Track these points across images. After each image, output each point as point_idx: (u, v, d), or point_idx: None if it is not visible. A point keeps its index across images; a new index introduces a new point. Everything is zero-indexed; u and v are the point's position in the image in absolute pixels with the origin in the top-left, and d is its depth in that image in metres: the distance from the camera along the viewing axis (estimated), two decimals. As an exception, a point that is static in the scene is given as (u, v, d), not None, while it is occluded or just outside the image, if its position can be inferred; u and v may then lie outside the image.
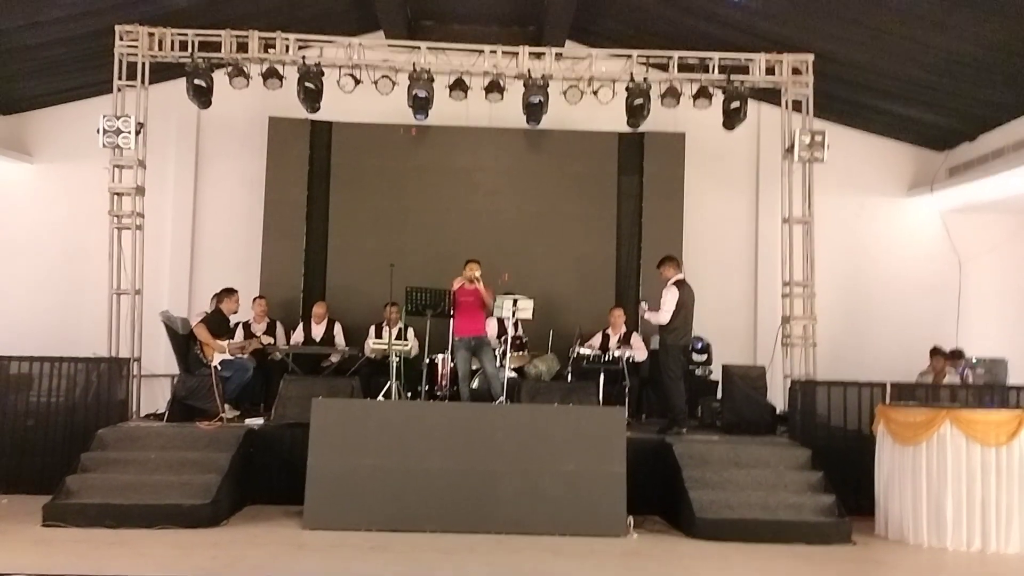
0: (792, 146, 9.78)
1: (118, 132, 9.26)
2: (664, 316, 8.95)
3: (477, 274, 9.11)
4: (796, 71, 9.95)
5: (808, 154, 9.72)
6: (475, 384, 9.45)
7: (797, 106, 10.05)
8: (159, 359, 10.25)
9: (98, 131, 9.26)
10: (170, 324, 9.36)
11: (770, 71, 10.00)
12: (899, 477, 7.69)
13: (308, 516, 7.47)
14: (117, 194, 9.56)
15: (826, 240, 10.69)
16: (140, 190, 9.58)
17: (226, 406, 8.90)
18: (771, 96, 10.61)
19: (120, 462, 8.00)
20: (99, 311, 9.61)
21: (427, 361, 9.49)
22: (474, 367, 9.45)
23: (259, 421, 8.88)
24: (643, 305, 9.42)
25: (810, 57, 9.87)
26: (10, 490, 8.45)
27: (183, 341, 9.30)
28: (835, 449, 8.58)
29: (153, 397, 10.22)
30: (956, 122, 11.21)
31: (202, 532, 7.15)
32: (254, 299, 10.53)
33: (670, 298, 8.97)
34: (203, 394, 8.96)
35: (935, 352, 10.65)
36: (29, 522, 7.26)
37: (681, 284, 9.10)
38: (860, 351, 11.43)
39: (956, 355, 10.77)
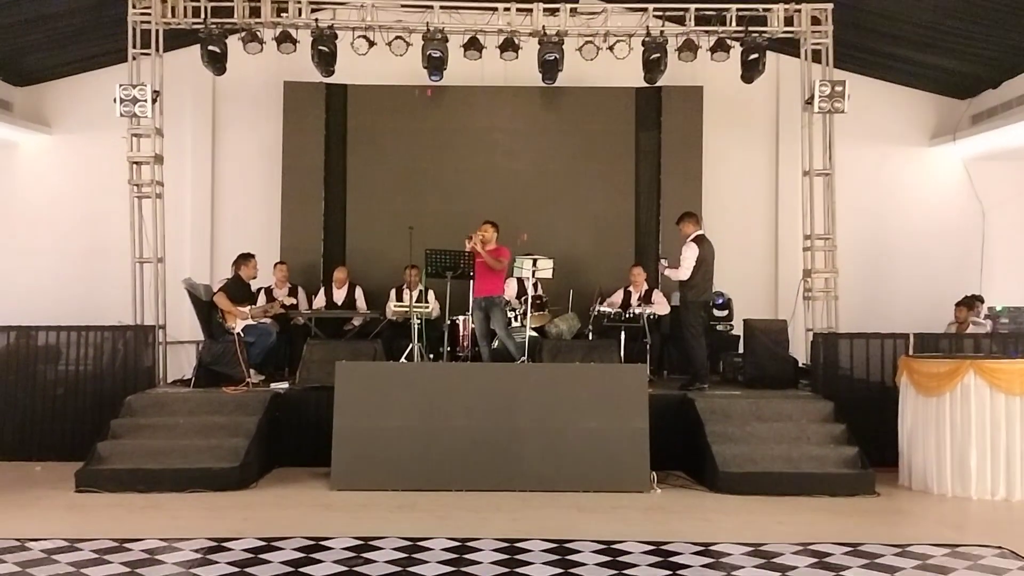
0: (812, 97, 9.65)
1: (135, 101, 9.26)
2: (684, 272, 8.92)
3: (479, 235, 9.04)
4: (815, 21, 9.79)
5: (828, 105, 9.58)
6: (496, 344, 9.47)
7: (816, 56, 9.91)
8: (184, 326, 10.34)
9: (115, 100, 9.27)
10: (193, 291, 9.44)
11: (788, 21, 9.85)
12: (923, 428, 7.69)
13: (335, 477, 7.57)
14: (136, 163, 9.59)
15: (847, 192, 10.63)
16: (159, 158, 9.61)
17: (251, 371, 9.01)
18: (790, 47, 10.47)
19: (149, 428, 8.12)
20: (123, 280, 9.69)
21: (448, 323, 9.53)
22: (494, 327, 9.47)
23: (284, 385, 8.98)
24: (663, 262, 9.39)
25: (829, 6, 9.71)
26: (43, 457, 8.64)
27: (206, 308, 9.39)
28: (858, 401, 8.58)
29: (179, 364, 10.37)
30: (979, 69, 11.02)
31: (232, 495, 7.28)
32: (275, 264, 10.58)
33: (690, 254, 8.93)
34: (228, 360, 9.06)
35: (959, 303, 10.59)
36: (62, 488, 7.40)
37: (701, 240, 9.04)
38: (883, 303, 11.41)
39: (976, 300, 10.69)
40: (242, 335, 9.09)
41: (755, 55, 9.82)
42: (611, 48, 9.92)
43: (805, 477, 7.53)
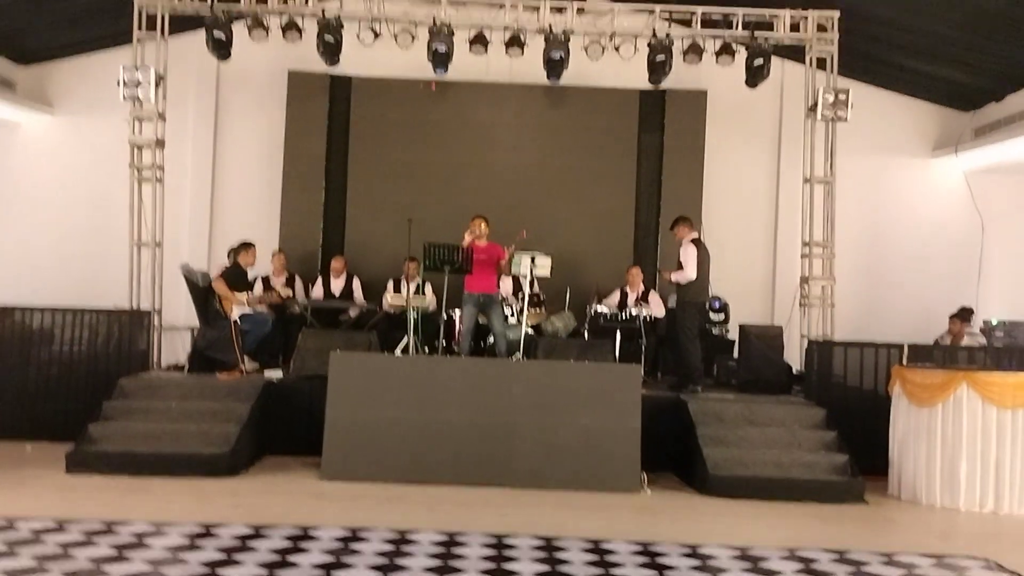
0: (815, 105, 9.67)
1: (137, 84, 9.26)
2: (691, 271, 8.89)
3: (475, 230, 9.05)
4: (821, 28, 9.81)
5: (831, 113, 9.61)
6: (487, 343, 9.45)
7: (821, 64, 9.92)
8: (180, 311, 10.33)
9: (118, 83, 9.26)
10: (190, 277, 9.44)
11: (795, 28, 9.87)
12: (914, 438, 7.69)
13: (325, 467, 7.58)
14: (137, 146, 9.59)
15: (847, 200, 10.67)
16: (160, 143, 9.60)
17: (245, 358, 9.01)
18: (795, 53, 10.47)
19: (141, 411, 8.12)
20: (121, 263, 9.70)
21: (444, 316, 9.52)
22: (483, 321, 9.46)
23: (278, 373, 8.98)
24: (664, 274, 9.43)
25: (836, 14, 9.73)
26: (34, 437, 8.61)
27: (203, 294, 9.38)
28: (850, 409, 8.58)
29: (174, 349, 10.37)
30: (983, 81, 11.02)
31: (222, 481, 7.28)
32: (273, 253, 10.58)
33: (690, 256, 8.94)
34: (223, 346, 9.06)
35: (954, 316, 10.62)
36: (53, 468, 7.39)
37: (697, 242, 9.08)
38: (879, 312, 11.42)
39: (967, 315, 10.71)
40: (238, 322, 9.09)
41: (760, 60, 9.83)
42: (617, 48, 9.93)
43: (795, 483, 7.55)
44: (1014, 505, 7.30)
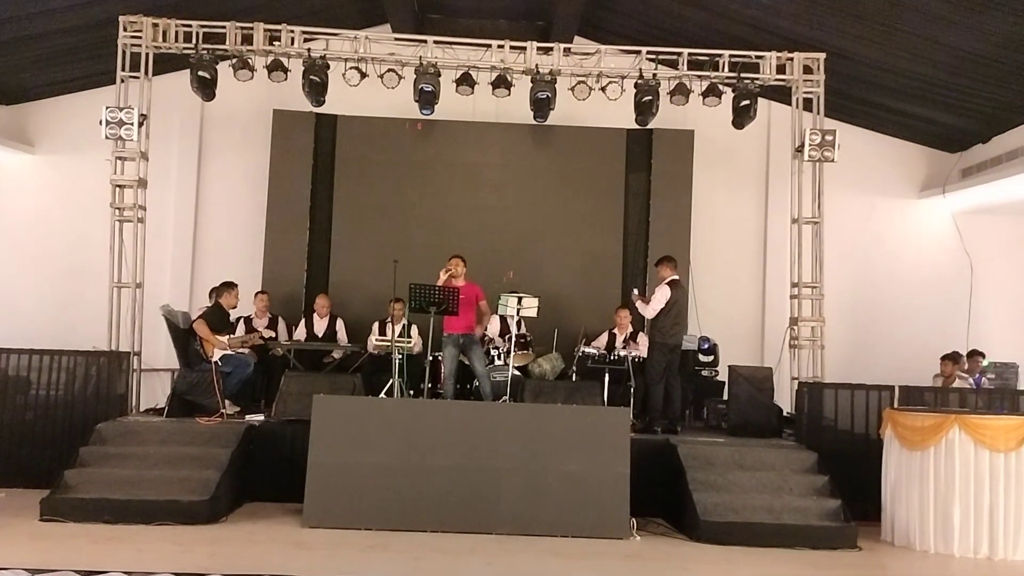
0: (802, 145, 9.67)
1: (121, 124, 9.19)
2: (651, 311, 9.07)
3: (450, 269, 9.09)
4: (807, 70, 9.85)
5: (818, 153, 9.62)
6: (471, 385, 9.37)
7: (808, 105, 9.94)
8: (159, 353, 10.20)
9: (101, 122, 9.18)
10: (171, 318, 9.29)
11: (781, 69, 9.90)
12: (906, 482, 7.58)
13: (307, 514, 7.40)
14: (119, 186, 9.47)
15: (836, 241, 10.64)
16: (142, 182, 9.50)
17: (226, 402, 8.83)
18: (781, 95, 10.52)
19: (119, 457, 7.93)
20: (100, 304, 9.52)
21: (430, 358, 9.40)
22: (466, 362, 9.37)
23: (260, 417, 8.81)
24: (635, 292, 9.62)
25: (822, 56, 9.77)
26: (8, 484, 8.39)
27: (184, 336, 9.23)
28: (842, 453, 8.48)
29: (153, 392, 10.17)
30: (970, 123, 11.10)
31: (201, 528, 7.10)
32: (256, 294, 10.45)
33: (661, 296, 9.06)
34: (203, 389, 8.89)
35: (946, 357, 10.56)
36: (27, 516, 7.20)
37: (675, 284, 9.15)
38: (869, 353, 11.37)
39: (958, 357, 10.66)
40: (219, 365, 8.93)
41: (746, 101, 9.85)
42: (603, 89, 9.93)
43: (787, 529, 7.42)
44: (1008, 550, 7.17)
